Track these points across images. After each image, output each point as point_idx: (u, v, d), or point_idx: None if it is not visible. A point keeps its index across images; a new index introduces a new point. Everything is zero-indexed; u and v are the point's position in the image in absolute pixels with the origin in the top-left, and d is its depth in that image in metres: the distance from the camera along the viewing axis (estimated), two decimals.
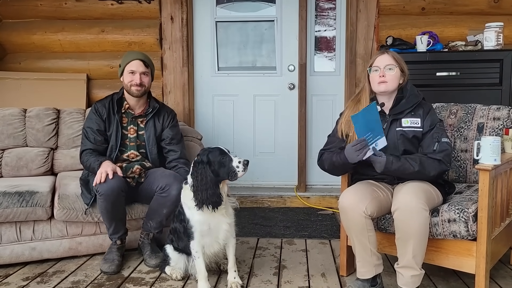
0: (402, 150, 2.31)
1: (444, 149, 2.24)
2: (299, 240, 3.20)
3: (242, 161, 2.27)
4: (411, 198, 2.10)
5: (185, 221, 2.38)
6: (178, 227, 2.45)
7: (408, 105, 2.33)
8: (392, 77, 2.32)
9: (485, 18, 3.67)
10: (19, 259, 2.76)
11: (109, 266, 2.65)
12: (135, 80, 2.77)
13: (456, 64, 3.43)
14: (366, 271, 2.28)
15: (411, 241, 2.09)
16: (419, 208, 2.07)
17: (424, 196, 2.13)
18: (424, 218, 2.08)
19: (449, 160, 2.26)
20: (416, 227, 2.08)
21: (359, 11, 3.92)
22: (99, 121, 2.79)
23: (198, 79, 4.25)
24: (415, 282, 2.15)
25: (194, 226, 2.35)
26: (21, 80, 3.87)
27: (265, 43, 4.26)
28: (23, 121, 3.31)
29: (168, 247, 2.58)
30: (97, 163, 2.64)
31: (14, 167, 3.20)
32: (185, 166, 2.77)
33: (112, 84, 3.97)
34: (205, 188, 2.23)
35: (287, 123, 4.23)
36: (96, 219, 2.79)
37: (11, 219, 2.70)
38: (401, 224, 2.12)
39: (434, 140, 2.26)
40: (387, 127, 2.34)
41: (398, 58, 2.35)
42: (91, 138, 2.78)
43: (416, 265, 2.12)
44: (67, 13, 4.03)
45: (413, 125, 2.32)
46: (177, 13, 4.01)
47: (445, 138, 2.28)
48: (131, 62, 2.79)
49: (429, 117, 2.32)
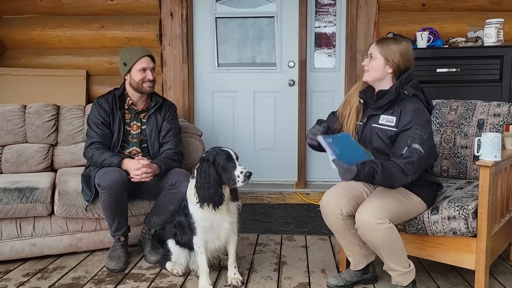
0: (373, 147, 2.20)
1: (409, 156, 2.03)
2: (299, 236, 3.21)
3: (244, 172, 2.23)
4: (367, 215, 2.07)
5: (189, 216, 2.39)
6: (183, 221, 2.46)
7: (384, 102, 2.18)
8: (373, 66, 2.19)
9: (486, 14, 3.66)
10: (20, 255, 2.77)
11: (116, 264, 2.64)
12: (148, 76, 2.75)
13: (456, 60, 3.42)
14: (357, 263, 2.33)
15: (381, 250, 2.12)
16: (374, 224, 2.04)
17: (381, 209, 2.07)
18: (383, 232, 2.05)
19: (412, 168, 2.02)
20: (378, 240, 2.08)
21: (359, 7, 3.91)
22: (104, 115, 2.77)
23: (198, 75, 4.24)
24: (405, 279, 2.16)
25: (196, 221, 2.35)
26: (20, 76, 3.87)
27: (265, 39, 4.25)
28: (23, 117, 3.30)
29: (170, 241, 2.58)
30: (116, 160, 2.61)
31: (14, 163, 3.20)
32: (174, 155, 2.77)
33: (112, 80, 3.97)
34: (208, 186, 2.23)
35: (287, 119, 4.22)
36: (96, 216, 2.79)
37: (11, 215, 2.70)
38: (365, 239, 2.15)
39: (405, 144, 2.06)
40: (364, 122, 2.27)
41: (384, 47, 2.18)
42: (98, 131, 2.75)
43: (397, 267, 2.13)
44: (66, 9, 4.01)
45: (388, 123, 2.17)
46: (177, 9, 4.00)
47: (417, 144, 2.04)
48: (141, 59, 2.75)
49: (407, 116, 2.10)
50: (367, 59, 2.24)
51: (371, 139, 2.23)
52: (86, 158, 2.80)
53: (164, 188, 2.67)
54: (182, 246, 2.53)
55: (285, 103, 4.22)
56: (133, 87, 2.78)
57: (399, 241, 2.11)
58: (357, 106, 2.30)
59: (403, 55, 2.18)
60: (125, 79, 2.81)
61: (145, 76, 2.75)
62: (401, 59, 2.18)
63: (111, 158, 2.64)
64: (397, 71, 2.19)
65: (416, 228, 2.24)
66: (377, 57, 2.20)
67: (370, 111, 2.26)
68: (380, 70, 2.20)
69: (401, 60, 2.18)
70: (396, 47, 2.19)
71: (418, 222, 2.23)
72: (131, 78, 2.77)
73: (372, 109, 2.25)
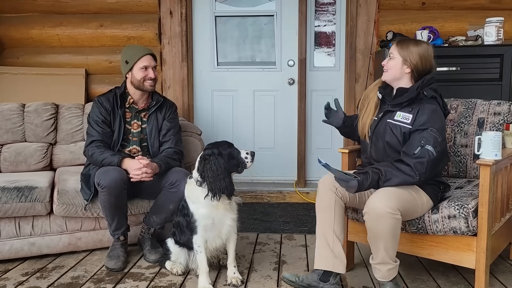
0: (385, 141, 2.27)
1: (421, 156, 2.08)
2: (298, 236, 3.20)
3: (249, 152, 2.37)
4: (380, 203, 2.05)
5: (189, 216, 2.38)
6: (181, 221, 2.45)
7: (403, 99, 2.23)
8: (391, 66, 2.27)
9: (485, 13, 3.66)
10: (18, 254, 2.76)
11: (115, 263, 2.63)
12: (149, 74, 2.75)
13: (456, 59, 3.42)
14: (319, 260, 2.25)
15: (382, 241, 2.09)
16: (386, 213, 2.03)
17: (395, 200, 2.05)
18: (391, 223, 2.05)
19: (421, 169, 2.07)
20: (385, 230, 2.06)
21: (359, 5, 3.91)
22: (105, 113, 2.76)
23: (197, 74, 4.23)
24: (391, 274, 2.15)
25: (198, 220, 2.35)
26: (19, 75, 3.86)
27: (264, 38, 4.25)
28: (22, 116, 3.29)
29: (169, 241, 2.58)
30: (117, 159, 2.60)
31: (13, 162, 3.19)
32: (174, 154, 2.77)
33: (111, 79, 3.96)
34: (221, 177, 2.25)
35: (287, 118, 4.22)
36: (95, 215, 2.78)
37: (10, 214, 2.69)
38: (370, 227, 2.11)
39: (419, 143, 2.10)
40: (380, 117, 2.32)
41: (404, 48, 2.25)
42: (98, 129, 2.74)
43: (390, 260, 2.12)
44: (65, 8, 4.00)
45: (403, 120, 2.22)
46: (176, 7, 3.99)
47: (430, 146, 2.09)
48: (143, 57, 2.75)
49: (425, 117, 2.15)
50: (387, 59, 2.31)
51: (384, 134, 2.28)
52: (86, 157, 2.79)
53: (164, 187, 2.66)
54: (181, 245, 2.52)
55: (285, 102, 4.21)
56: (135, 85, 2.78)
57: (399, 235, 2.12)
58: (375, 101, 2.37)
59: (422, 56, 2.24)
60: (127, 77, 2.81)
61: (147, 75, 2.75)
62: (419, 60, 2.24)
63: (111, 157, 2.63)
64: (415, 71, 2.25)
65: (417, 227, 2.23)
66: (395, 57, 2.27)
67: (387, 107, 2.31)
68: (398, 70, 2.26)
69: (420, 62, 2.24)
70: (416, 48, 2.25)
71: (418, 221, 2.22)
72: (132, 76, 2.77)
73: (389, 105, 2.30)
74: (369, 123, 2.36)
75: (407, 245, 2.29)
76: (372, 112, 2.37)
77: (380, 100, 2.36)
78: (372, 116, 2.36)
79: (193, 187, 2.35)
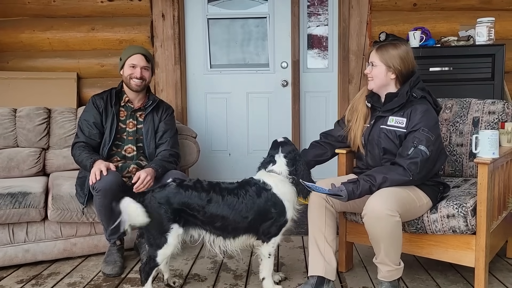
0: (382, 148, 2.26)
1: (415, 157, 2.08)
2: (296, 237, 3.20)
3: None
4: (379, 205, 2.03)
5: (283, 216, 2.28)
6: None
7: (394, 105, 2.23)
8: (376, 74, 2.25)
9: (476, 13, 3.69)
10: (13, 261, 2.71)
11: (112, 268, 2.60)
12: (135, 73, 2.75)
13: (448, 59, 3.45)
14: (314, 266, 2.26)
15: (382, 243, 2.09)
16: (385, 214, 2.01)
17: (394, 201, 2.04)
18: (391, 224, 2.03)
19: (415, 169, 2.07)
20: (384, 232, 2.05)
21: (352, 7, 3.93)
22: (96, 113, 2.76)
23: (190, 77, 4.21)
24: (393, 275, 2.15)
25: (289, 219, 2.31)
26: (9, 79, 3.80)
27: (257, 40, 4.24)
28: (13, 121, 3.25)
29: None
30: (90, 161, 2.58)
31: (5, 168, 3.14)
32: (170, 157, 2.74)
33: (103, 83, 3.92)
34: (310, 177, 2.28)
35: (281, 120, 4.21)
36: (91, 220, 2.75)
37: (3, 220, 2.65)
38: (369, 229, 2.10)
39: (412, 144, 2.11)
40: (372, 124, 2.31)
41: (384, 53, 2.22)
42: (85, 131, 2.74)
43: (390, 263, 2.11)
44: (55, 11, 3.96)
45: (397, 124, 2.21)
46: (169, 10, 3.97)
47: (423, 146, 2.09)
48: (133, 56, 2.77)
49: (416, 118, 2.15)
50: (369, 67, 2.28)
51: (379, 140, 2.26)
52: (72, 155, 2.77)
53: None
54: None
55: (279, 103, 4.21)
56: (125, 83, 2.81)
57: (400, 237, 2.11)
58: (364, 112, 2.35)
59: (403, 59, 2.23)
60: (121, 74, 2.83)
61: (133, 73, 2.75)
62: (401, 64, 2.22)
63: (86, 161, 2.61)
64: (399, 75, 2.24)
65: (416, 227, 2.24)
66: (378, 65, 2.24)
67: (377, 113, 2.30)
68: (383, 77, 2.25)
69: (402, 65, 2.23)
70: (396, 51, 2.23)
71: (417, 221, 2.23)
72: (123, 73, 2.80)
73: (380, 111, 2.29)
74: (360, 133, 2.35)
75: (406, 244, 2.29)
76: (363, 122, 2.36)
77: (369, 108, 2.36)
78: (363, 125, 2.36)
79: (285, 185, 2.29)
